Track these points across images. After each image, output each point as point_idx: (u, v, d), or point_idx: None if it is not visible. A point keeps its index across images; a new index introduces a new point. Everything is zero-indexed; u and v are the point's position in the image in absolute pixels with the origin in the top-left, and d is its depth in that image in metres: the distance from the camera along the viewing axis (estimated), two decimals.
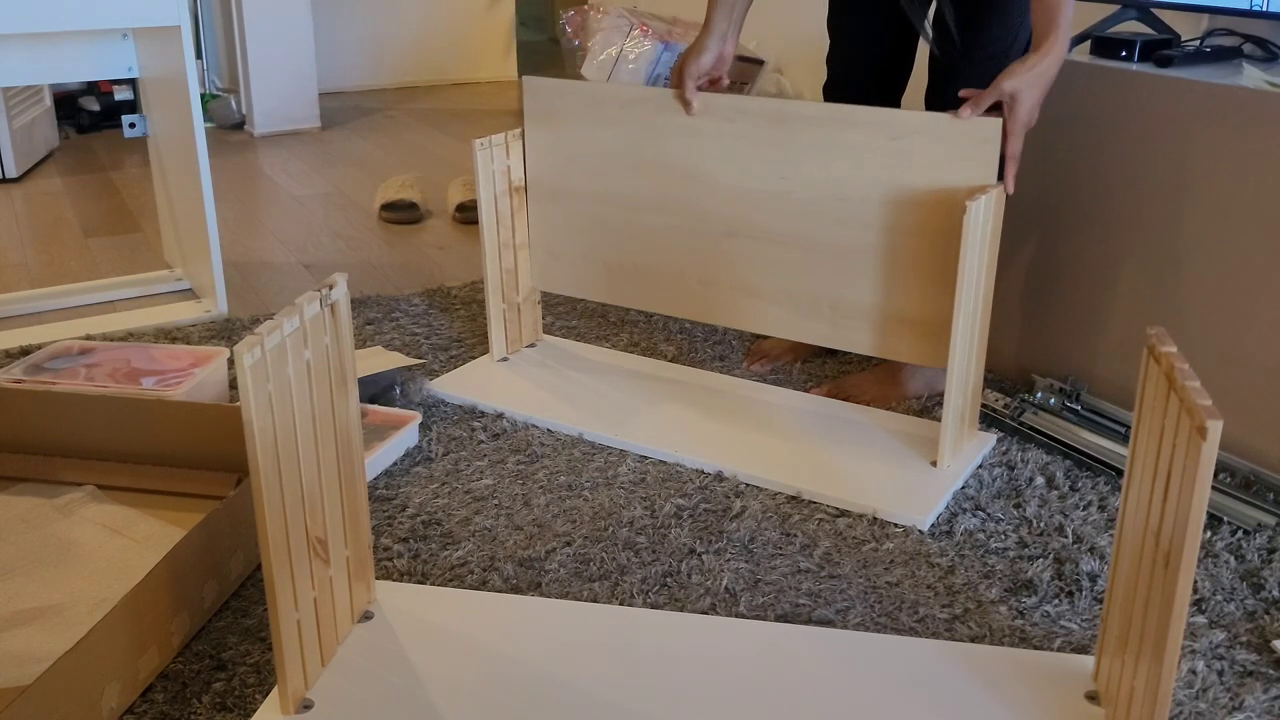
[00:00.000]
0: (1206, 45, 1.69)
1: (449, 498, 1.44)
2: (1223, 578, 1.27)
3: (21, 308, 2.11)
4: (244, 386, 0.89)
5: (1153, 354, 0.94)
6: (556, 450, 1.56)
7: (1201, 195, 1.51)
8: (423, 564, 1.30)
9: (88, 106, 3.60)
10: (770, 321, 1.64)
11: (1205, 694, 1.09)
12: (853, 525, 1.38)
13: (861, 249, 1.54)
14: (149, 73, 2.08)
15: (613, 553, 1.32)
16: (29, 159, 3.12)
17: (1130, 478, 1.00)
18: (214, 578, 1.20)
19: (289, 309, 0.97)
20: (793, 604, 1.23)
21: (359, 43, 4.32)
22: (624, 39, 2.08)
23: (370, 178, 3.09)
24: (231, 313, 2.08)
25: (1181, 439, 0.84)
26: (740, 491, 1.46)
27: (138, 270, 2.32)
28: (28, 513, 1.37)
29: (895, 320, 1.54)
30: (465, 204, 2.68)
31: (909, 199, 1.49)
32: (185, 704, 1.07)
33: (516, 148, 1.75)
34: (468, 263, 2.39)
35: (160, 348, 1.73)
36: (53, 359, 1.69)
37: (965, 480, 1.47)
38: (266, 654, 1.14)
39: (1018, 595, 1.25)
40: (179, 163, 2.07)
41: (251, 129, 3.69)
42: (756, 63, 2.16)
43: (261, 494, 0.92)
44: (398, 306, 2.10)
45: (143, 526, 1.35)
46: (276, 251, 2.47)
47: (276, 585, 0.95)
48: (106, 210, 2.78)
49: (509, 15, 4.56)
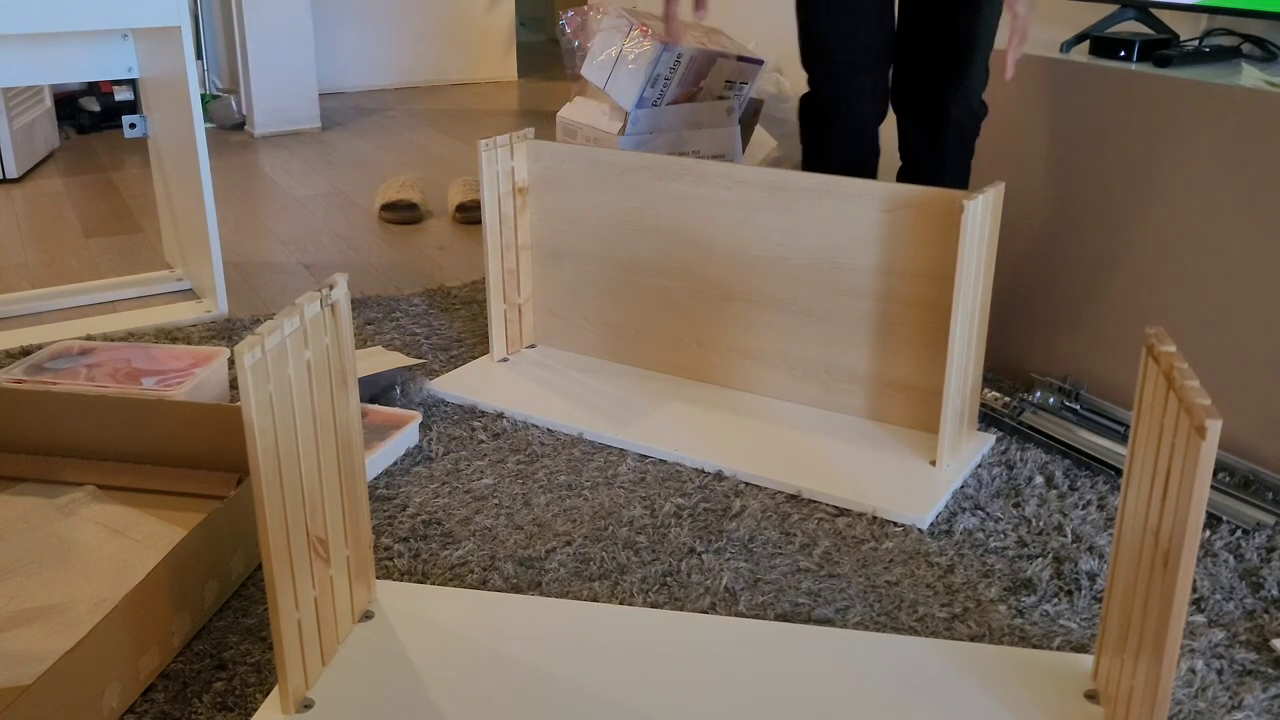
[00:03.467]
0: (1205, 45, 1.70)
1: (449, 497, 1.44)
2: (1222, 577, 1.27)
3: (22, 308, 2.11)
4: (244, 386, 0.89)
5: (1152, 353, 0.94)
6: (556, 450, 1.56)
7: (1200, 195, 1.51)
8: (423, 563, 1.30)
9: (88, 107, 3.60)
10: (766, 384, 1.68)
11: (1204, 693, 1.09)
12: (852, 524, 1.38)
13: (855, 317, 1.57)
14: (149, 73, 2.08)
15: (613, 552, 1.32)
16: (29, 159, 3.12)
17: (1129, 477, 1.00)
18: (215, 577, 1.21)
19: (289, 309, 0.97)
20: (792, 603, 1.23)
21: (359, 43, 4.32)
22: (624, 39, 2.08)
23: (370, 178, 3.09)
24: (232, 313, 2.08)
25: (1181, 438, 0.84)
26: (740, 491, 1.46)
27: (138, 270, 2.32)
28: (28, 513, 1.37)
29: (888, 385, 1.58)
30: (465, 204, 2.68)
31: (901, 269, 1.52)
32: (186, 703, 1.07)
33: (520, 149, 1.75)
34: (468, 263, 2.39)
35: (161, 348, 1.73)
36: (53, 359, 1.70)
37: (964, 479, 1.48)
38: (267, 653, 1.14)
39: (1017, 594, 1.25)
40: (179, 163, 2.07)
41: (252, 129, 3.69)
42: (756, 63, 2.16)
43: (262, 494, 0.92)
44: (398, 306, 2.10)
45: (143, 526, 1.35)
46: (277, 252, 2.47)
47: (277, 585, 0.96)
48: (107, 210, 2.78)
49: (509, 16, 4.57)
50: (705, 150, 2.18)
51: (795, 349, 1.64)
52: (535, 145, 1.77)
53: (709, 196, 1.64)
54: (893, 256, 1.52)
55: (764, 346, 1.67)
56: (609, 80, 2.09)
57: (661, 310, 1.74)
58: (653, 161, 1.68)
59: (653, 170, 1.68)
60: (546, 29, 5.77)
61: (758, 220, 1.61)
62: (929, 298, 1.51)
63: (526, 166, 1.78)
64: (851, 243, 1.54)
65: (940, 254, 1.48)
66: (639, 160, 1.69)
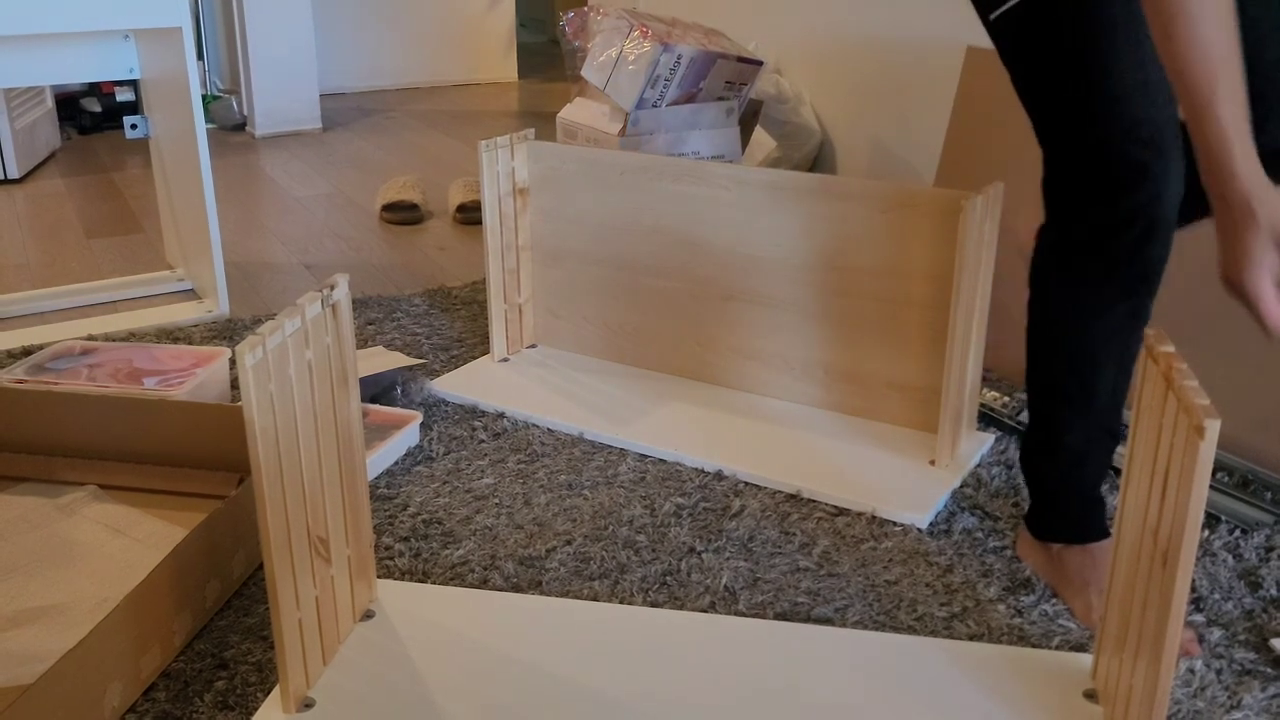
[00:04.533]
0: None
1: (450, 497, 1.44)
2: (1220, 576, 1.27)
3: (24, 308, 2.11)
4: (246, 386, 0.89)
5: (1151, 353, 0.94)
6: (557, 449, 1.56)
7: None
8: (424, 563, 1.30)
9: (89, 108, 3.61)
10: (766, 384, 1.68)
11: (1203, 692, 1.09)
12: (851, 524, 1.38)
13: (855, 317, 1.58)
14: (150, 74, 2.08)
15: (613, 551, 1.32)
16: (31, 160, 3.13)
17: (1128, 477, 1.00)
18: (216, 577, 1.21)
19: (290, 309, 0.98)
20: (792, 602, 1.24)
21: (360, 44, 4.33)
22: (624, 40, 2.09)
23: (371, 179, 3.10)
24: (233, 313, 2.08)
25: (1180, 438, 0.84)
26: (739, 490, 1.46)
27: (139, 271, 2.32)
28: (30, 512, 1.38)
29: (888, 385, 1.59)
30: (466, 205, 2.68)
31: (900, 269, 1.52)
32: (187, 703, 1.07)
33: (521, 150, 1.76)
34: (468, 263, 2.39)
35: (162, 348, 1.73)
36: (55, 359, 1.70)
37: (964, 479, 1.48)
38: (268, 653, 1.15)
39: (1016, 594, 1.25)
40: (180, 164, 2.07)
41: (253, 130, 3.69)
42: (756, 64, 2.17)
43: (263, 493, 0.93)
44: (399, 307, 2.10)
45: (145, 526, 1.35)
46: (278, 252, 2.47)
47: (278, 584, 0.96)
48: (108, 211, 2.78)
49: (509, 17, 4.57)
50: (705, 151, 2.19)
51: (795, 349, 1.64)
52: (536, 146, 1.77)
53: (709, 197, 1.64)
54: (892, 256, 1.52)
55: (764, 346, 1.67)
56: (609, 81, 2.10)
57: (661, 310, 1.74)
58: (653, 162, 1.68)
59: (653, 171, 1.68)
60: (547, 30, 5.77)
61: (758, 220, 1.61)
62: (929, 298, 1.51)
63: (527, 167, 1.78)
64: (851, 243, 1.54)
65: (940, 254, 1.48)
66: (639, 161, 1.69)
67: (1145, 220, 1.07)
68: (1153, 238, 1.08)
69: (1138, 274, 1.11)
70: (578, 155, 1.74)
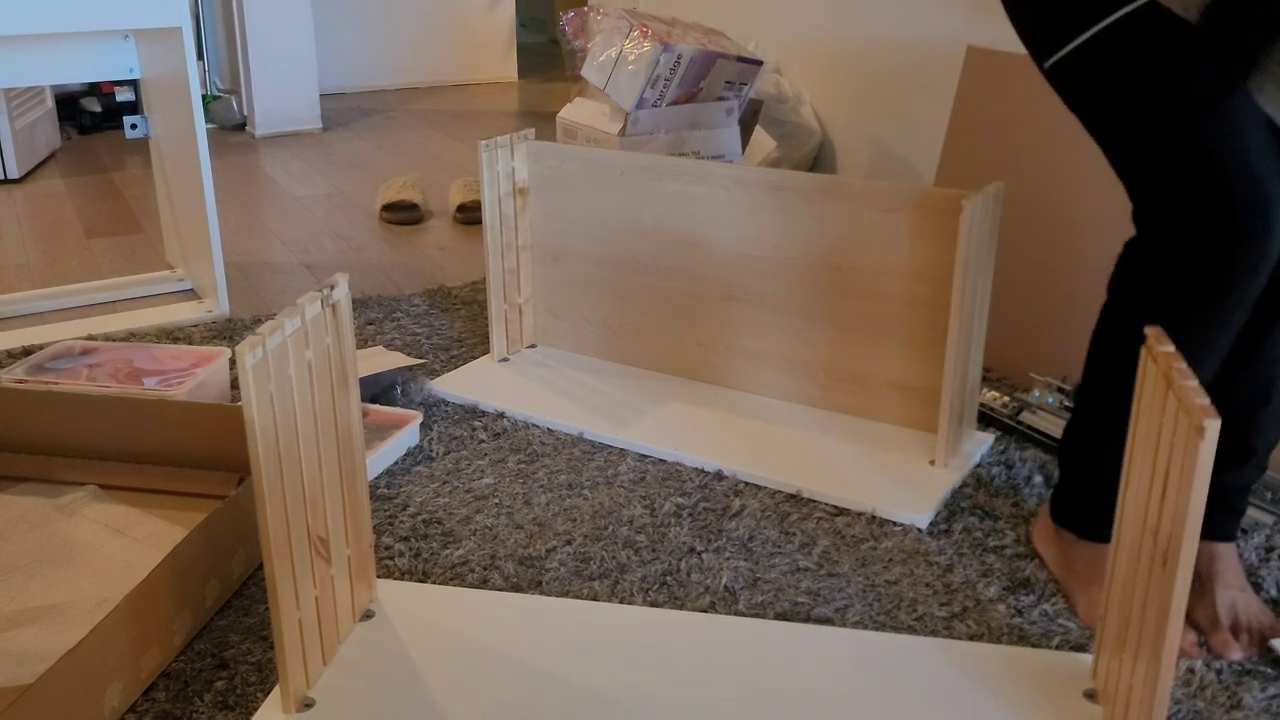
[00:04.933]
0: None
1: (450, 497, 1.44)
2: None
3: (23, 308, 2.11)
4: (245, 386, 0.89)
5: (1150, 353, 0.94)
6: (557, 449, 1.56)
7: None
8: (424, 563, 1.30)
9: (89, 107, 3.61)
10: (766, 384, 1.68)
11: (1203, 692, 1.09)
12: (851, 524, 1.38)
13: (855, 317, 1.58)
14: (150, 74, 2.08)
15: (613, 551, 1.32)
16: (31, 160, 3.13)
17: (1128, 477, 1.00)
18: (216, 577, 1.21)
19: (290, 309, 0.98)
20: (791, 602, 1.24)
21: (360, 44, 4.33)
22: (624, 40, 2.09)
23: (371, 179, 3.10)
24: (233, 313, 2.08)
25: (1179, 438, 0.84)
26: (739, 490, 1.46)
27: (139, 270, 2.32)
28: (29, 512, 1.38)
29: (887, 385, 1.59)
30: (466, 205, 2.68)
31: (900, 270, 1.52)
32: (187, 702, 1.08)
33: (521, 150, 1.76)
34: (468, 263, 2.39)
35: (162, 348, 1.73)
36: (55, 359, 1.70)
37: (963, 479, 1.48)
38: (268, 652, 1.15)
39: (1016, 593, 1.25)
40: (180, 163, 2.07)
41: (253, 130, 3.69)
42: (756, 64, 2.17)
43: (263, 493, 0.93)
44: (399, 307, 2.10)
45: (144, 526, 1.35)
46: (278, 252, 2.47)
47: (278, 584, 0.96)
48: (108, 211, 2.78)
49: (509, 17, 4.57)
50: (705, 151, 2.19)
51: (795, 349, 1.64)
52: (535, 146, 1.77)
53: (709, 196, 1.64)
54: (892, 256, 1.52)
55: (764, 346, 1.67)
56: (609, 81, 2.10)
57: (661, 310, 1.74)
58: (653, 162, 1.68)
59: (653, 171, 1.68)
60: (547, 30, 5.78)
61: (758, 220, 1.61)
62: (929, 298, 1.51)
63: (527, 167, 1.78)
64: (851, 243, 1.54)
65: (940, 254, 1.48)
66: (639, 161, 1.69)
67: (1264, 268, 1.08)
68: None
69: (1236, 303, 1.11)
70: (578, 155, 1.75)
